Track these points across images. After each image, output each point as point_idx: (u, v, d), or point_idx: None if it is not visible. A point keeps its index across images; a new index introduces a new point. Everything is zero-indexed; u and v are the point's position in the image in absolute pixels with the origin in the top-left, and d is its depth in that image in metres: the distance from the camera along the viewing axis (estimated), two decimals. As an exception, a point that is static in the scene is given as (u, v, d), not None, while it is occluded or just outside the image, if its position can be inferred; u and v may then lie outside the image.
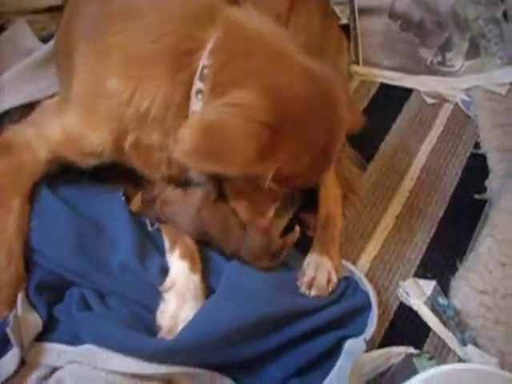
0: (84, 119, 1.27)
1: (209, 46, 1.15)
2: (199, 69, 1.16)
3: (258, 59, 1.15)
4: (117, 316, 1.27)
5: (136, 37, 1.20)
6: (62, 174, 1.39)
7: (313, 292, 1.32)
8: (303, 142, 1.15)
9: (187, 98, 1.18)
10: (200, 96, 1.16)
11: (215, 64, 1.14)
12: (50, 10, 1.86)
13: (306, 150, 1.16)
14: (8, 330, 1.17)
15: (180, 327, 1.23)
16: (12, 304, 1.23)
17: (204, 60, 1.15)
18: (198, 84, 1.16)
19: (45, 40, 1.76)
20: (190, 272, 1.30)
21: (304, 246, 1.44)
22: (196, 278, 1.30)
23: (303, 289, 1.33)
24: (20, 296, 1.24)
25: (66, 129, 1.29)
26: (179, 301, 1.26)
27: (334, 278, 1.35)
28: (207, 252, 1.38)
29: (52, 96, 1.55)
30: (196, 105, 1.17)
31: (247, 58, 1.15)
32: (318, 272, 1.34)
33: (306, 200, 1.51)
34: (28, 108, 1.54)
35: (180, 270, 1.30)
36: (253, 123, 1.07)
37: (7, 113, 1.56)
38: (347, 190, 1.54)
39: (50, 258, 1.29)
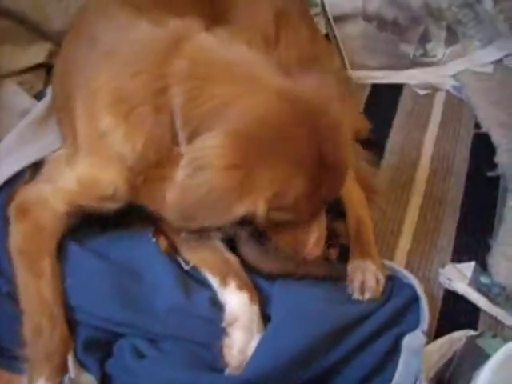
0: (93, 163, 1.25)
1: (176, 81, 1.13)
2: (174, 107, 1.13)
3: (223, 88, 1.10)
4: (175, 359, 1.24)
5: (116, 73, 1.20)
6: (85, 225, 1.36)
7: (366, 295, 1.32)
8: (286, 165, 1.09)
9: (175, 136, 1.16)
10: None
11: (183, 100, 1.12)
12: (34, 68, 1.84)
13: (295, 172, 1.09)
14: (64, 394, 1.15)
15: None
16: (64, 368, 1.20)
17: (176, 98, 1.13)
18: (177, 122, 1.14)
19: (36, 98, 1.74)
20: (250, 303, 1.27)
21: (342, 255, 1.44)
22: (257, 309, 1.28)
23: (356, 294, 1.33)
24: (70, 358, 1.22)
25: (79, 177, 1.27)
26: (246, 334, 1.23)
27: (382, 278, 1.35)
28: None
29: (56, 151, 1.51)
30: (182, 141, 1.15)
31: (212, 88, 1.10)
32: (365, 276, 1.34)
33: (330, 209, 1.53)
34: (37, 167, 1.49)
35: (240, 303, 1.27)
36: (222, 172, 1.04)
37: (18, 175, 1.50)
38: (368, 190, 1.54)
39: (93, 314, 1.26)
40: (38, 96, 1.74)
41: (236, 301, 1.27)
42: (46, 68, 1.85)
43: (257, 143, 1.06)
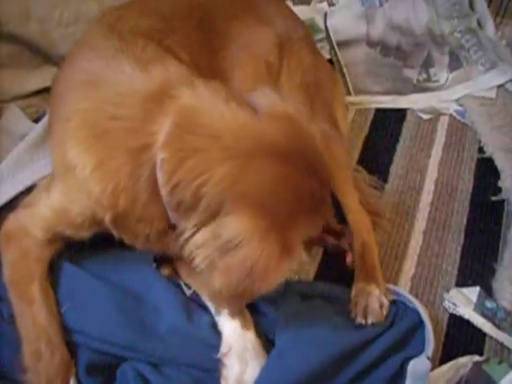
0: (64, 192, 1.24)
1: (161, 139, 1.10)
2: (158, 162, 1.10)
3: (217, 163, 1.06)
4: (179, 384, 1.24)
5: (93, 109, 1.18)
6: (83, 248, 1.34)
7: (369, 320, 1.32)
8: (304, 209, 1.11)
9: (155, 190, 1.13)
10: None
11: (171, 167, 1.09)
12: (41, 92, 1.84)
13: (313, 209, 1.13)
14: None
15: None
16: (66, 393, 1.20)
17: (160, 154, 1.10)
18: (161, 177, 1.11)
19: (39, 120, 1.73)
20: (243, 331, 1.27)
21: (346, 279, 1.45)
22: (251, 336, 1.27)
23: (359, 319, 1.33)
24: (72, 383, 1.21)
25: (51, 204, 1.26)
26: (241, 364, 1.23)
27: (386, 303, 1.35)
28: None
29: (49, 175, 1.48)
30: (164, 196, 1.12)
31: (202, 162, 1.07)
32: (368, 300, 1.35)
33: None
34: (29, 193, 1.48)
35: (233, 331, 1.27)
36: (259, 243, 1.04)
37: (12, 201, 1.50)
38: (373, 214, 1.55)
39: (95, 337, 1.26)
40: (41, 118, 1.74)
41: (229, 329, 1.27)
42: (51, 91, 1.87)
43: (273, 206, 1.07)
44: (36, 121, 1.74)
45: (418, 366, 1.25)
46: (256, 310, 1.33)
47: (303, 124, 1.15)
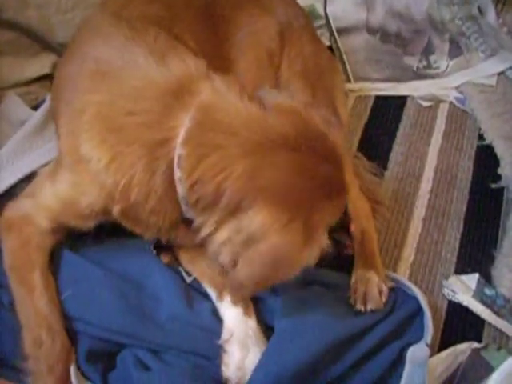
0: (72, 182, 1.23)
1: (181, 135, 1.10)
2: (176, 158, 1.11)
3: (236, 160, 1.08)
4: (179, 371, 1.24)
5: (107, 102, 1.17)
6: (83, 236, 1.33)
7: (369, 306, 1.32)
8: (323, 196, 1.12)
9: (170, 185, 1.14)
10: (181, 184, 1.13)
11: (190, 165, 1.10)
12: (40, 79, 1.84)
13: (332, 194, 1.13)
14: (67, 405, 1.15)
15: (248, 377, 1.21)
16: (67, 379, 1.20)
17: (179, 150, 1.11)
18: (178, 172, 1.12)
19: (38, 107, 1.72)
20: (245, 317, 1.27)
21: (346, 266, 1.44)
22: (252, 323, 1.27)
23: (358, 305, 1.33)
24: (72, 369, 1.21)
25: (57, 194, 1.26)
26: (242, 350, 1.23)
27: (385, 289, 1.36)
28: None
29: (49, 162, 1.50)
30: (181, 191, 1.13)
31: (223, 159, 1.08)
32: (368, 286, 1.35)
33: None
34: (28, 181, 1.48)
35: (235, 318, 1.27)
36: (281, 232, 1.06)
37: (11, 188, 1.50)
38: (373, 201, 1.55)
39: (95, 324, 1.26)
40: (40, 105, 1.73)
41: (231, 316, 1.28)
42: (52, 79, 1.85)
43: (292, 196, 1.08)
44: (35, 108, 1.73)
45: (417, 352, 1.26)
46: (256, 297, 1.33)
47: (308, 115, 1.16)
